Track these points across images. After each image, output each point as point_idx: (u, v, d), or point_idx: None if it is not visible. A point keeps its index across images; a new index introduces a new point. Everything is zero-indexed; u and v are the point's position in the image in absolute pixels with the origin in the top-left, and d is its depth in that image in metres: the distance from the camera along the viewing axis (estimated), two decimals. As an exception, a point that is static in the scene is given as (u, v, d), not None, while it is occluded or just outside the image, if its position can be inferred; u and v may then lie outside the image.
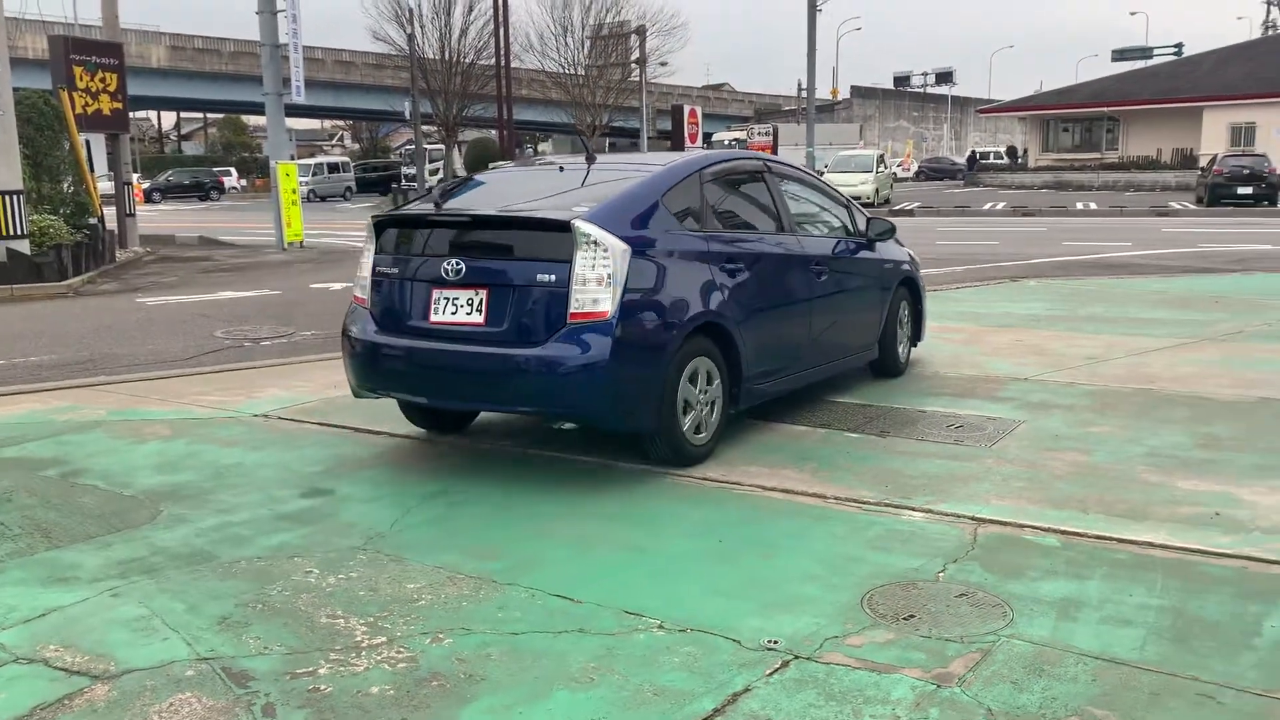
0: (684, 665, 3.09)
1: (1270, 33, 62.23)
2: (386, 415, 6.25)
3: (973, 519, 4.32)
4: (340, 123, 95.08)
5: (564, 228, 4.81)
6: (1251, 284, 12.53)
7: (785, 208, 6.26)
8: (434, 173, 55.46)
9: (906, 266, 7.45)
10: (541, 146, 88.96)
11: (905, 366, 7.45)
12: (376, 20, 51.42)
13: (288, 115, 23.26)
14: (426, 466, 5.27)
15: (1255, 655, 3.12)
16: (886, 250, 7.20)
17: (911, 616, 3.41)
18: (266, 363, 8.26)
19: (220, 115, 76.09)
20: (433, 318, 5.06)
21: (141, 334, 10.04)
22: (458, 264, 4.99)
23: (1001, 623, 3.35)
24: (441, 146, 55.88)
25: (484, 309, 4.94)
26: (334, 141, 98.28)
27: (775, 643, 3.23)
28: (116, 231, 18.79)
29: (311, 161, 55.40)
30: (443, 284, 5.04)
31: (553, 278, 4.80)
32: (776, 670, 3.06)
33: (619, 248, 4.80)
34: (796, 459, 5.25)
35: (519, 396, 4.92)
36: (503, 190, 5.86)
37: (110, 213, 18.90)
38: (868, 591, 3.61)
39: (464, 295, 4.99)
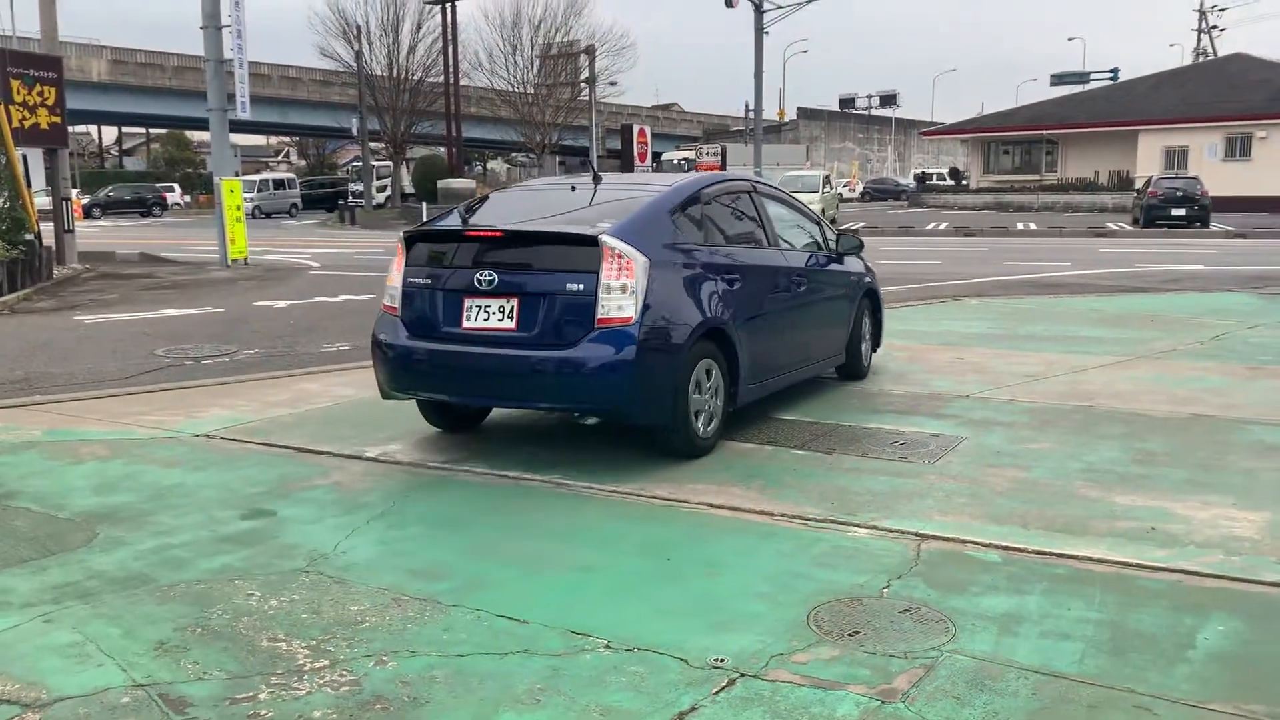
0: (631, 685, 3.09)
1: (1201, 59, 64.08)
2: (331, 435, 6.18)
3: (916, 535, 4.37)
4: (286, 139, 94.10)
5: (592, 242, 5.30)
6: (1184, 303, 12.85)
7: (770, 224, 6.84)
8: (381, 189, 55.11)
9: (868, 279, 8.08)
10: (491, 165, 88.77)
11: (868, 371, 8.02)
12: (324, 36, 50.91)
13: (233, 131, 22.99)
14: (371, 487, 5.21)
15: (1189, 667, 3.19)
16: (852, 264, 7.83)
17: (856, 633, 3.44)
18: (208, 382, 8.13)
19: (163, 130, 74.94)
20: (465, 324, 5.49)
21: (79, 352, 9.83)
22: (490, 275, 5.41)
23: (944, 638, 3.39)
24: (389, 163, 55.55)
25: (515, 315, 5.38)
26: (280, 158, 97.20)
27: (722, 661, 3.24)
28: (54, 248, 18.38)
29: (257, 178, 54.69)
30: (475, 293, 5.46)
31: (581, 286, 5.27)
32: (723, 689, 3.06)
33: (640, 259, 5.30)
34: (744, 477, 5.28)
35: (550, 393, 5.38)
36: (522, 207, 6.29)
37: (48, 229, 18.49)
38: (813, 608, 3.64)
39: (496, 303, 5.42)
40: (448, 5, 46.92)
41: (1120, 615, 3.56)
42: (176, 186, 61.90)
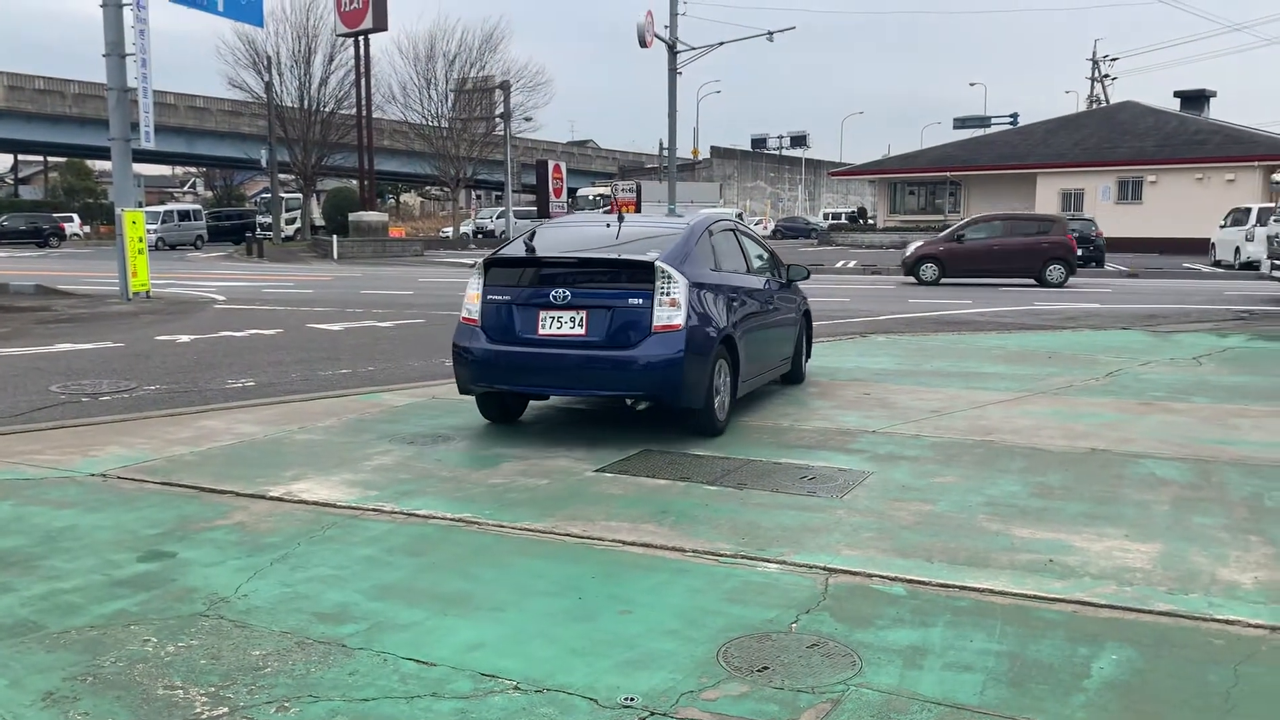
0: (540, 726, 3.05)
1: (1095, 106, 66.88)
2: (234, 474, 6.03)
3: (824, 569, 4.43)
4: (193, 169, 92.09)
5: (648, 267, 6.71)
6: (1080, 340, 13.32)
7: (749, 255, 8.50)
8: (290, 222, 54.19)
9: (805, 302, 9.71)
10: (404, 197, 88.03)
11: (805, 376, 9.60)
12: (233, 67, 49.82)
13: (137, 161, 22.42)
14: (275, 528, 5.09)
15: (1085, 696, 3.29)
16: (795, 288, 9.46)
17: (766, 668, 3.46)
18: (106, 419, 7.86)
19: (63, 159, 72.66)
20: (540, 331, 6.79)
21: (-34, 389, 9.41)
22: (564, 292, 6.74)
23: (851, 672, 3.44)
24: (299, 195, 54.70)
25: (584, 324, 6.72)
26: (186, 188, 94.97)
27: (632, 700, 3.23)
28: (-58, 279, 17.66)
29: (161, 209, 53.35)
30: (549, 306, 6.78)
31: (639, 301, 6.66)
32: (633, 728, 3.05)
33: (684, 280, 6.75)
34: (657, 513, 5.29)
35: (614, 383, 6.73)
36: (574, 238, 7.66)
37: (-65, 259, 17.76)
38: (724, 644, 3.65)
39: (567, 315, 6.74)
40: (361, 38, 46.58)
41: (1020, 646, 3.66)
42: (76, 216, 59.97)
